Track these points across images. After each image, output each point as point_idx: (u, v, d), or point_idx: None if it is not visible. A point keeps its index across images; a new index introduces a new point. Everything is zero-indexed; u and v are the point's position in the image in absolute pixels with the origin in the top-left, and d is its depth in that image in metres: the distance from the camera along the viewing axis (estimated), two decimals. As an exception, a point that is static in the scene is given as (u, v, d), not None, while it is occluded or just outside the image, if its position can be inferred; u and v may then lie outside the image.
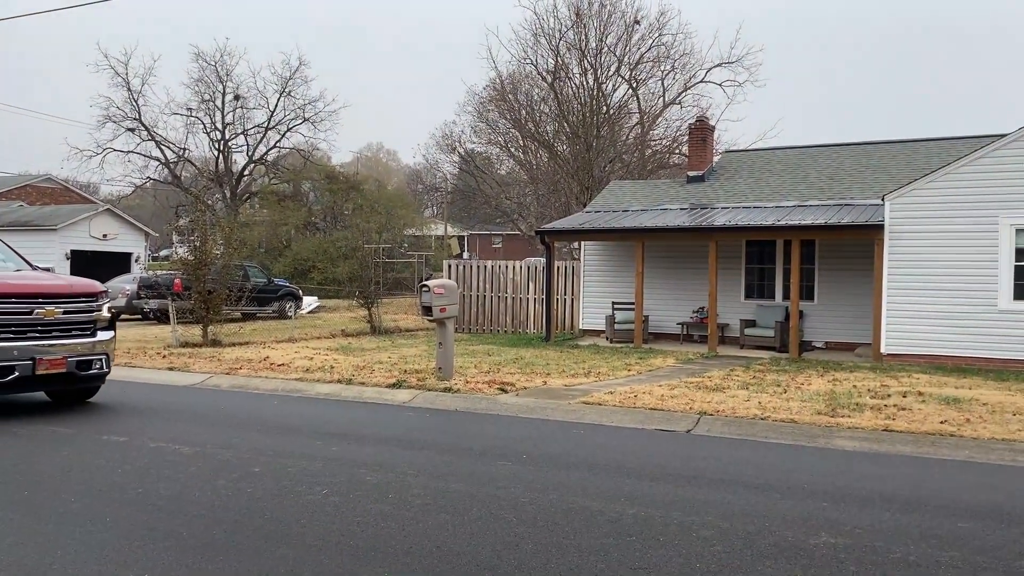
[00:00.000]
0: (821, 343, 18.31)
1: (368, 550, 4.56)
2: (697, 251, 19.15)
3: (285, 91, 43.81)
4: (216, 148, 44.63)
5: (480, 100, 37.57)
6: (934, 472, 7.00)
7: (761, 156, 23.17)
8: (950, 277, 15.25)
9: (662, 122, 35.45)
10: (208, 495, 5.69)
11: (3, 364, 8.42)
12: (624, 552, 4.58)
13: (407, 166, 67.55)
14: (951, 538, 4.96)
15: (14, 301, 8.56)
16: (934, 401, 10.39)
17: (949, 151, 19.01)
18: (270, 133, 44.61)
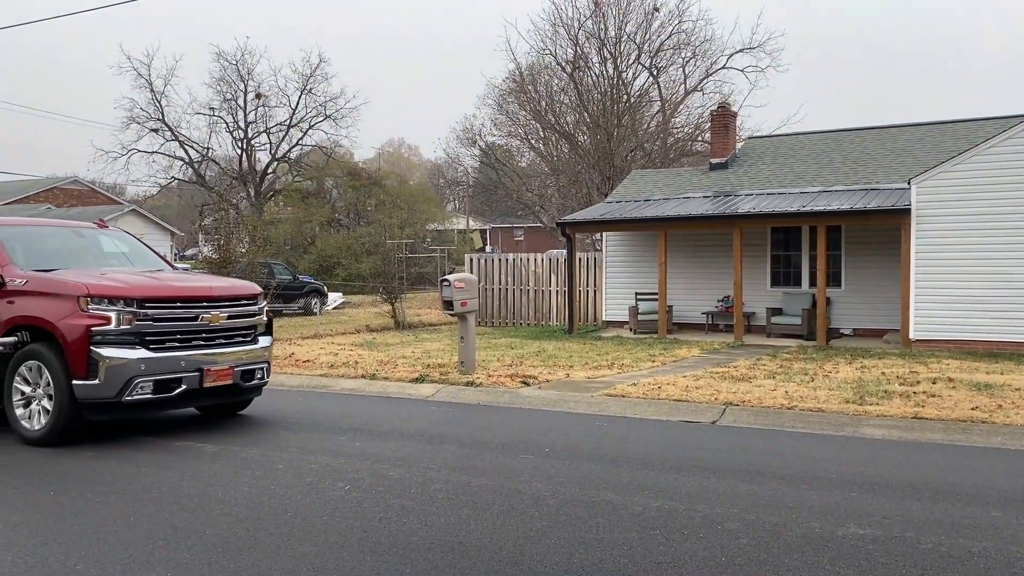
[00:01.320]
0: (849, 330, 18.07)
1: (389, 546, 4.54)
2: (721, 239, 18.96)
3: (306, 89, 43.95)
4: (239, 147, 44.93)
5: (500, 92, 37.49)
6: (965, 460, 6.87)
7: (785, 142, 22.88)
8: (979, 261, 14.97)
9: (684, 109, 35.17)
10: (231, 493, 5.70)
11: (170, 377, 7.42)
12: (648, 546, 4.52)
13: (428, 161, 67.63)
14: (984, 528, 4.85)
15: (180, 305, 7.62)
16: (964, 387, 10.20)
17: (976, 132, 18.64)
18: (292, 131, 44.80)
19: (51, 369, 7.21)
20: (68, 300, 7.20)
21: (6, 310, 7.54)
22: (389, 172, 52.76)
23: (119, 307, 7.20)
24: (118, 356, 7.12)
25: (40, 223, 8.96)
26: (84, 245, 8.85)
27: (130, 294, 7.30)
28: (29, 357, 7.38)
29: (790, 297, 18.46)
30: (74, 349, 7.08)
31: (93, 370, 7.05)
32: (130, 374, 7.15)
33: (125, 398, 7.16)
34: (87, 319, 7.12)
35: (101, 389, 7.08)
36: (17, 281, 7.56)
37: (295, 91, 44.61)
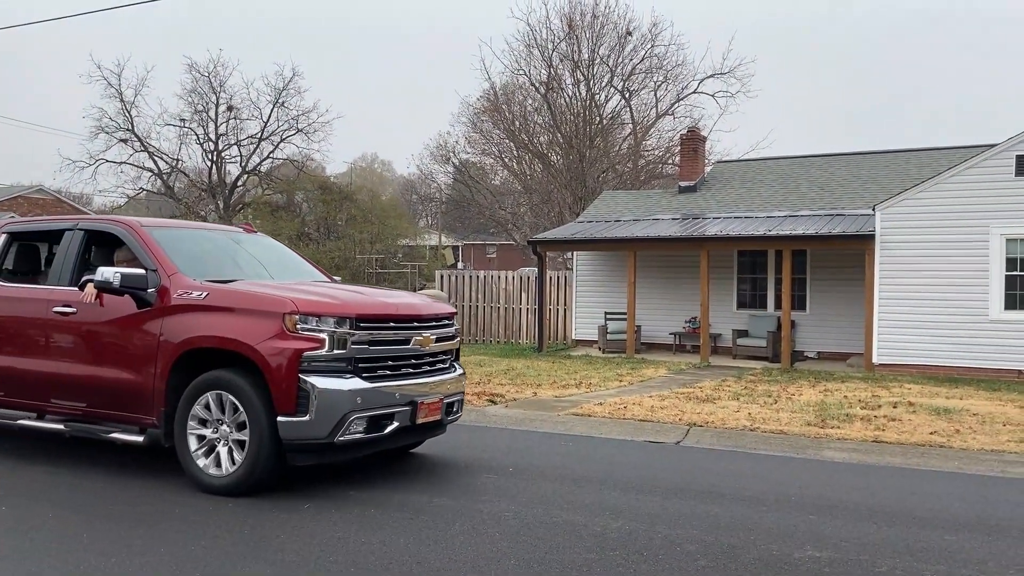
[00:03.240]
0: (813, 353, 18.29)
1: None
2: (689, 261, 19.13)
3: (278, 102, 43.71)
4: (209, 159, 44.54)
5: (474, 111, 37.62)
6: (922, 484, 6.97)
7: (753, 166, 23.21)
8: (941, 287, 15.26)
9: (655, 132, 35.54)
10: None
11: (383, 412, 6.03)
12: (607, 567, 4.53)
13: (401, 176, 67.58)
14: (937, 551, 4.92)
15: (392, 326, 6.27)
16: (924, 412, 10.36)
17: (940, 161, 19.05)
18: (263, 144, 44.48)
19: (245, 402, 5.80)
20: (270, 318, 5.82)
21: (180, 328, 6.09)
22: (361, 187, 52.55)
23: (331, 327, 5.84)
24: (332, 387, 5.74)
25: (194, 226, 7.83)
26: (242, 252, 7.51)
27: (344, 311, 5.95)
28: (213, 386, 5.96)
29: (756, 319, 18.65)
30: (280, 378, 5.69)
31: (303, 404, 5.69)
32: (345, 409, 5.77)
33: (338, 439, 5.79)
34: (296, 341, 5.74)
35: (311, 427, 5.70)
36: (195, 294, 6.12)
37: (267, 104, 44.34)
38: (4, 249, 7.52)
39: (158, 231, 6.85)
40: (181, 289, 6.19)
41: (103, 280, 6.21)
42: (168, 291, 6.20)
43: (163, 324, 6.16)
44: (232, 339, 5.89)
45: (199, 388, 6.01)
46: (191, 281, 6.26)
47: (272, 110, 43.79)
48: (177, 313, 6.13)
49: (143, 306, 6.27)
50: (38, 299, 6.88)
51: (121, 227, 6.82)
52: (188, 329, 6.06)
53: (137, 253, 6.57)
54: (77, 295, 6.64)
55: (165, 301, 6.19)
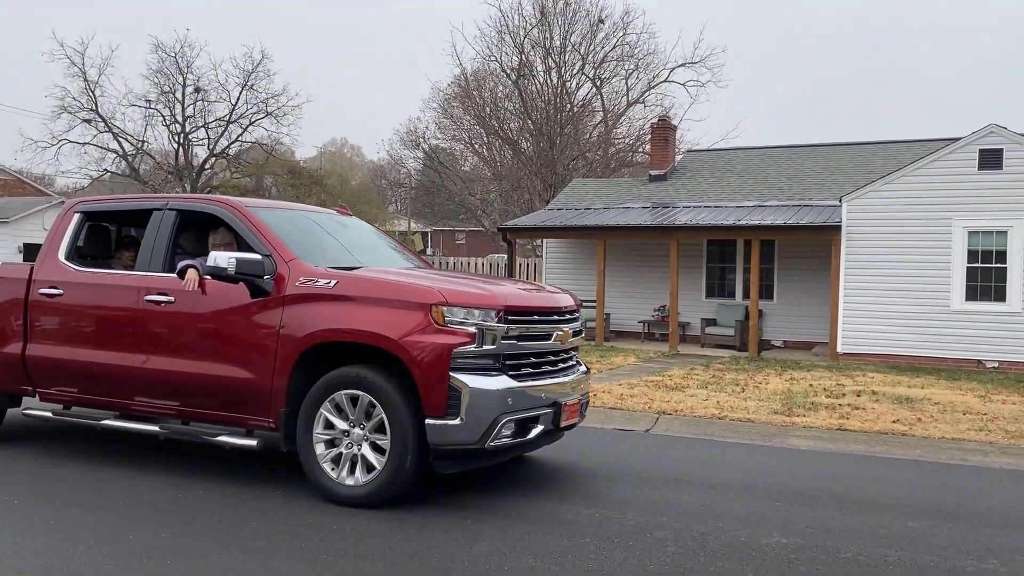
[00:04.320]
0: (780, 342, 18.54)
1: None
2: (659, 250, 19.27)
3: (247, 84, 43.17)
4: (176, 141, 43.91)
5: (445, 97, 37.49)
6: (885, 471, 7.11)
7: (722, 156, 23.39)
8: (905, 278, 15.53)
9: (625, 121, 35.70)
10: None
11: (529, 414, 5.47)
12: (578, 555, 4.58)
13: (371, 162, 67.12)
14: (900, 537, 5.04)
15: (537, 319, 5.72)
16: (887, 400, 10.56)
17: (906, 154, 19.34)
18: (232, 127, 43.94)
19: (385, 403, 5.23)
20: (415, 310, 5.25)
21: (305, 320, 5.47)
22: (330, 171, 52.18)
23: (480, 321, 5.29)
24: (484, 387, 5.21)
25: (296, 207, 7.15)
26: (348, 236, 6.87)
27: (493, 303, 5.39)
28: (345, 385, 5.36)
29: (724, 308, 18.85)
30: (429, 376, 5.14)
31: (454, 406, 5.14)
32: (498, 411, 5.23)
33: (489, 444, 5.24)
34: (445, 336, 5.19)
35: (462, 432, 5.15)
36: (321, 282, 5.53)
37: (236, 87, 43.80)
38: (76, 230, 6.76)
39: (265, 212, 6.26)
40: (304, 276, 5.58)
41: (215, 266, 5.56)
42: (286, 279, 5.60)
43: (283, 315, 5.53)
44: (372, 332, 5.27)
45: (329, 387, 5.40)
46: (313, 268, 5.67)
47: (241, 92, 43.25)
48: (300, 303, 5.51)
49: (258, 295, 5.64)
50: (126, 286, 6.18)
51: (224, 207, 6.14)
52: (316, 321, 5.43)
53: (246, 237, 5.91)
54: (174, 282, 5.96)
55: (283, 290, 5.57)
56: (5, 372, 6.64)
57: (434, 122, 39.79)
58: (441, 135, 39.78)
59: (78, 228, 6.78)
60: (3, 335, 6.65)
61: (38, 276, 6.57)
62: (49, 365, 6.42)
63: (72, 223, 6.75)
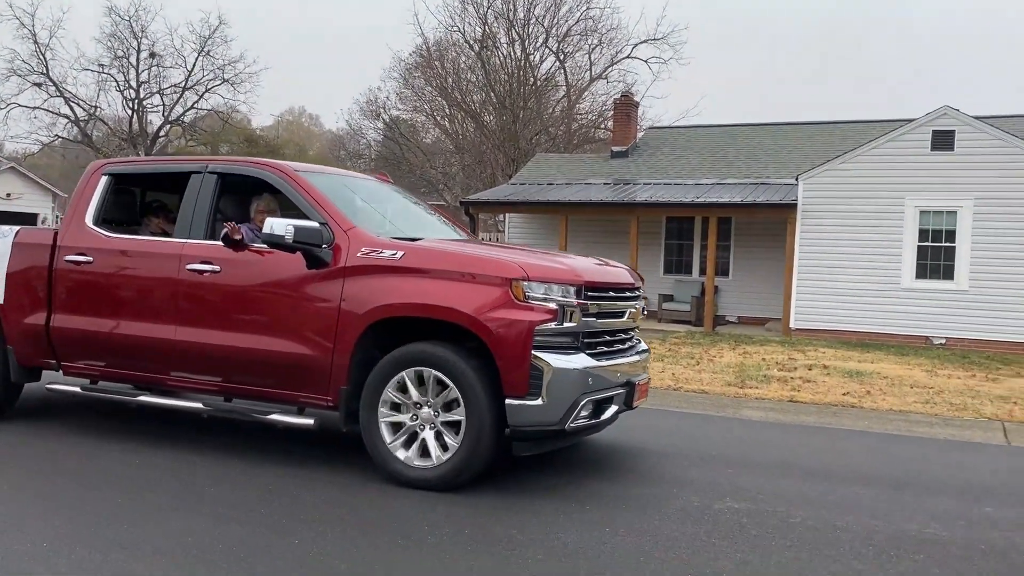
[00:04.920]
0: (735, 317, 18.85)
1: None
2: (619, 226, 19.41)
3: (204, 50, 42.32)
4: (130, 107, 42.94)
5: (406, 66, 37.17)
6: (835, 441, 7.32)
7: (683, 133, 23.56)
8: (858, 255, 15.86)
9: (588, 96, 35.74)
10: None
11: (605, 395, 5.27)
12: (544, 520, 4.66)
13: (330, 131, 66.22)
14: (847, 504, 5.21)
15: (612, 295, 5.49)
16: (838, 374, 10.83)
17: (863, 133, 19.67)
18: (187, 93, 43.09)
19: (461, 382, 4.94)
20: (493, 284, 4.97)
21: (370, 293, 5.16)
22: (288, 140, 51.52)
23: (560, 296, 5.04)
24: (567, 366, 4.97)
25: (342, 173, 6.75)
26: (397, 205, 6.61)
27: (575, 279, 5.16)
28: (415, 362, 5.06)
29: (681, 284, 19.09)
30: (511, 355, 4.88)
31: (535, 385, 4.88)
32: (579, 391, 5.02)
33: (569, 425, 5.03)
34: (527, 312, 4.92)
35: (543, 412, 4.91)
36: (386, 253, 5.20)
37: (192, 52, 42.96)
38: (104, 194, 6.31)
39: (315, 177, 5.89)
40: (366, 247, 5.25)
41: (272, 233, 5.19)
42: (343, 249, 5.27)
43: (345, 288, 5.20)
44: (448, 308, 4.97)
45: (397, 364, 5.09)
46: (376, 237, 5.35)
47: (197, 59, 42.39)
48: (364, 275, 5.19)
49: (316, 265, 5.29)
50: (166, 254, 5.78)
51: (272, 171, 5.78)
52: (383, 295, 5.11)
53: (299, 203, 5.57)
54: (220, 250, 5.59)
55: (343, 260, 5.24)
56: (27, 345, 6.23)
57: (395, 92, 39.49)
58: (402, 106, 39.49)
59: (106, 191, 6.31)
60: (25, 305, 6.21)
61: (64, 242, 6.13)
62: (76, 338, 6.03)
63: (100, 186, 6.30)
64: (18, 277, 6.26)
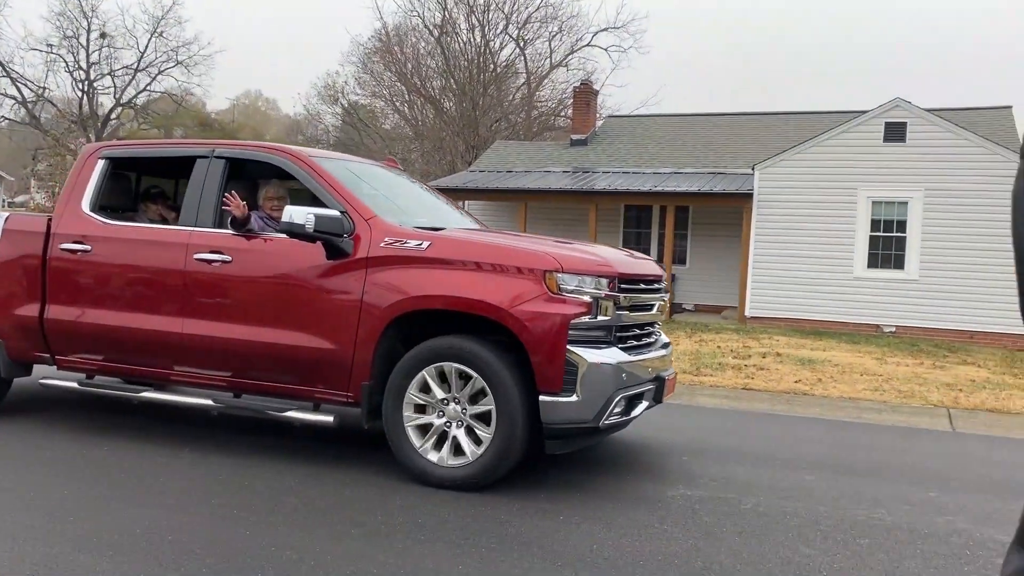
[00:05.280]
0: (691, 305, 19.05)
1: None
2: (578, 214, 19.47)
3: (157, 31, 41.42)
4: (80, 88, 41.88)
5: (365, 51, 36.79)
6: (787, 428, 7.44)
7: (642, 123, 23.68)
8: (812, 245, 16.11)
9: (548, 84, 35.73)
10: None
11: (637, 390, 5.11)
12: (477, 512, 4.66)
13: (287, 116, 65.36)
14: (797, 489, 5.30)
15: (643, 288, 5.36)
16: (791, 362, 11.01)
17: (817, 125, 19.93)
18: (140, 75, 42.15)
19: (491, 377, 4.76)
20: (526, 276, 4.80)
21: (394, 285, 4.98)
22: (244, 125, 50.73)
23: (594, 289, 4.87)
24: (601, 361, 4.82)
25: (352, 159, 6.49)
26: (410, 192, 6.44)
27: (609, 270, 5.00)
28: (441, 357, 4.88)
29: (640, 272, 19.23)
30: (545, 350, 4.71)
31: (570, 381, 4.73)
32: (614, 387, 4.87)
33: (603, 422, 4.87)
34: (561, 305, 4.76)
35: (578, 409, 4.75)
36: (411, 243, 5.03)
37: (144, 33, 42.01)
38: (101, 178, 6.03)
39: (330, 163, 5.69)
40: (389, 236, 5.06)
41: (291, 222, 4.96)
42: (364, 238, 5.07)
43: (367, 279, 5.01)
44: (478, 301, 4.80)
45: (423, 359, 4.90)
46: (398, 227, 5.18)
47: (150, 40, 41.49)
48: (387, 266, 5.00)
49: (336, 256, 5.10)
50: (171, 243, 5.53)
51: (284, 156, 5.58)
52: (408, 287, 4.93)
53: (315, 191, 5.36)
54: (230, 239, 5.38)
55: (364, 250, 5.05)
56: (18, 338, 5.92)
57: (354, 77, 39.09)
58: (361, 91, 39.10)
59: (103, 176, 6.03)
60: (16, 296, 5.91)
61: (59, 229, 5.84)
62: (73, 330, 5.77)
63: (96, 170, 6.01)
64: (8, 266, 5.96)
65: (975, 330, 15.06)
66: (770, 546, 4.22)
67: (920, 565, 4.07)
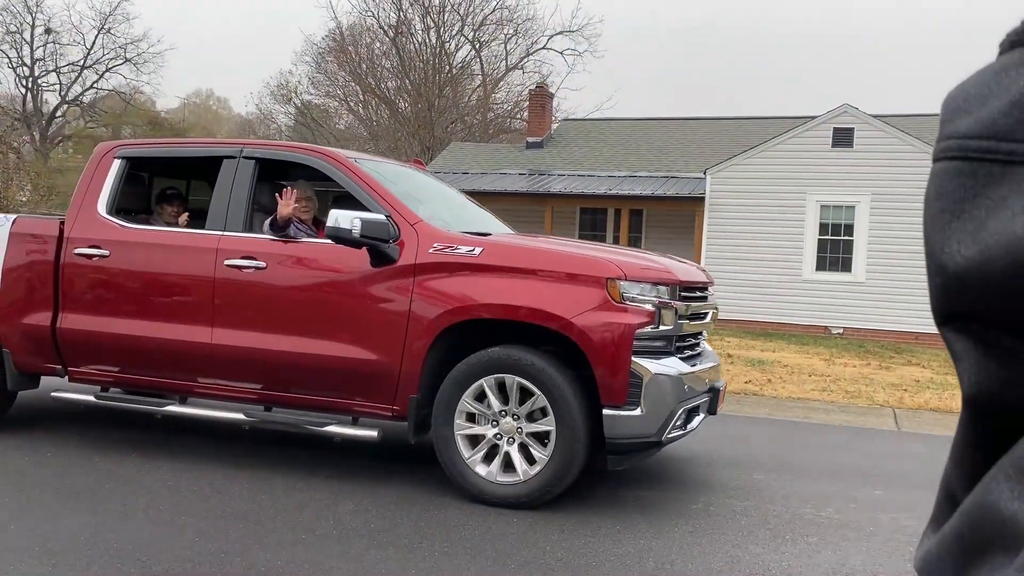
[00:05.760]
0: (646, 308, 19.23)
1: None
2: (534, 216, 19.52)
3: (104, 28, 40.58)
4: (23, 85, 40.82)
5: (319, 50, 36.44)
6: (737, 429, 7.54)
7: (597, 126, 23.84)
8: (762, 248, 16.37)
9: (504, 86, 35.79)
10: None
11: (695, 403, 4.94)
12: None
13: (239, 115, 64.43)
14: (747, 489, 5.37)
15: (698, 297, 5.17)
16: (741, 363, 11.17)
17: (768, 129, 20.26)
18: (86, 72, 41.26)
19: (550, 390, 4.56)
20: (587, 284, 4.60)
21: (445, 293, 4.76)
22: (195, 124, 49.89)
23: (656, 297, 4.70)
24: (664, 372, 4.64)
25: (386, 161, 6.20)
26: (445, 195, 6.20)
27: (670, 278, 4.84)
28: (496, 369, 4.67)
29: (595, 274, 19.35)
30: (610, 361, 4.51)
31: (634, 394, 4.53)
32: (677, 399, 4.69)
33: (666, 436, 4.70)
34: (624, 315, 4.56)
35: (643, 423, 4.56)
36: (463, 249, 4.80)
37: (91, 29, 41.18)
38: (119, 180, 5.71)
39: (368, 164, 5.43)
40: (438, 242, 4.83)
41: (337, 227, 4.69)
42: (411, 244, 4.83)
43: (415, 287, 4.78)
44: (538, 310, 4.59)
45: (476, 371, 4.68)
46: (445, 232, 4.94)
47: (97, 36, 40.62)
48: (437, 273, 4.77)
49: (381, 262, 4.84)
50: (199, 248, 5.24)
51: (323, 158, 5.32)
52: (461, 295, 4.72)
53: (356, 194, 5.10)
54: (264, 244, 5.12)
55: (413, 257, 4.81)
56: (26, 348, 5.59)
57: (307, 77, 38.67)
58: (315, 91, 38.72)
59: (119, 177, 5.70)
60: (25, 304, 5.58)
61: (73, 233, 5.52)
62: (88, 340, 5.44)
63: (113, 170, 5.69)
64: (16, 272, 5.62)
65: (920, 331, 15.45)
66: (720, 545, 4.28)
67: (867, 561, 4.16)
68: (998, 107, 0.40)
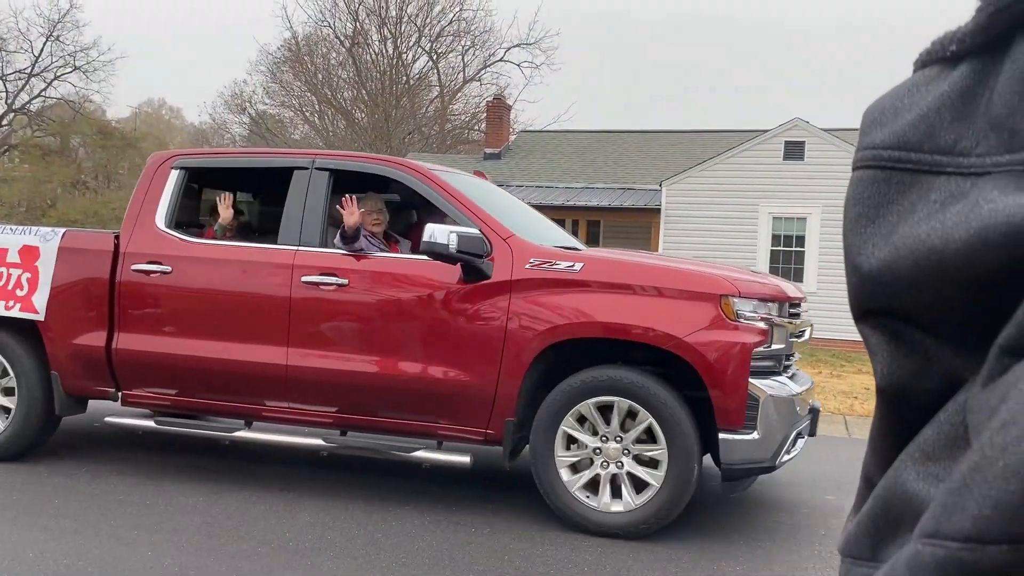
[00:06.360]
0: (603, 318, 19.37)
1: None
2: (490, 227, 19.59)
3: (53, 35, 39.74)
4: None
5: (274, 60, 36.13)
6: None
7: (554, 138, 24.01)
8: (716, 258, 16.59)
9: (462, 97, 35.85)
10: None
11: (802, 425, 4.75)
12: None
13: (192, 125, 63.56)
14: (701, 496, 5.45)
15: (796, 313, 4.91)
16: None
17: (722, 142, 20.59)
18: (34, 80, 40.34)
19: (662, 414, 4.33)
20: (699, 301, 4.37)
21: (545, 312, 4.52)
22: (147, 133, 49.01)
23: (768, 315, 4.48)
24: (781, 394, 4.42)
25: (457, 172, 5.79)
26: (517, 207, 5.83)
27: (782, 295, 4.65)
28: (600, 391, 4.43)
29: (552, 285, 19.46)
30: (727, 383, 4.28)
31: (751, 417, 4.29)
32: (791, 421, 4.49)
33: (780, 460, 4.49)
34: (739, 333, 4.35)
35: (759, 447, 4.33)
36: (562, 265, 4.56)
37: (39, 36, 40.25)
38: (178, 191, 5.36)
39: (454, 178, 5.20)
40: (535, 257, 4.60)
41: (433, 242, 4.42)
42: (505, 260, 4.60)
43: (511, 304, 4.54)
44: (649, 328, 4.36)
45: (577, 393, 4.45)
46: (540, 247, 4.73)
47: (45, 43, 39.75)
48: (535, 290, 4.54)
49: (475, 279, 4.61)
50: (273, 264, 4.94)
51: (405, 171, 5.08)
52: (562, 312, 4.48)
53: (445, 209, 4.89)
54: (345, 260, 4.85)
55: (508, 273, 4.57)
56: (77, 371, 5.24)
57: (262, 86, 38.29)
58: (269, 100, 38.36)
59: (178, 188, 5.37)
60: (75, 324, 5.22)
61: (130, 248, 5.19)
62: (148, 362, 5.11)
63: (171, 181, 5.35)
64: (66, 290, 5.27)
65: (869, 340, 15.76)
66: (665, 551, 4.33)
67: (820, 566, 4.25)
68: (908, 120, 0.44)
